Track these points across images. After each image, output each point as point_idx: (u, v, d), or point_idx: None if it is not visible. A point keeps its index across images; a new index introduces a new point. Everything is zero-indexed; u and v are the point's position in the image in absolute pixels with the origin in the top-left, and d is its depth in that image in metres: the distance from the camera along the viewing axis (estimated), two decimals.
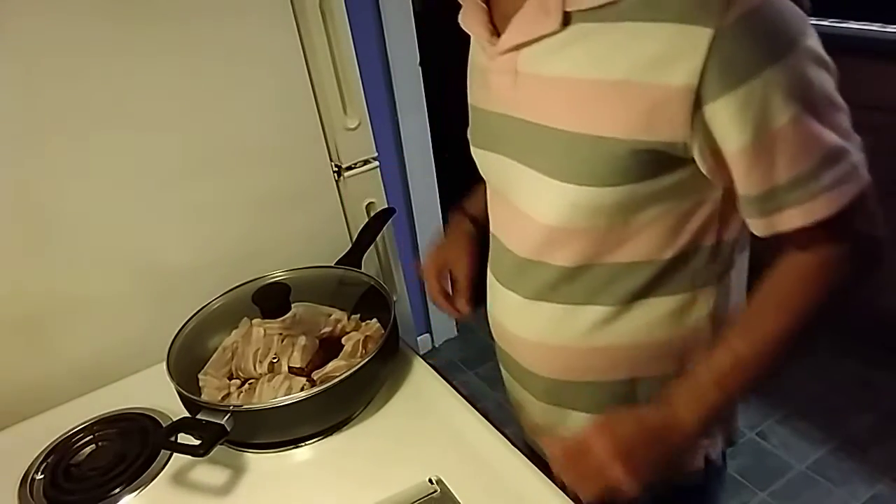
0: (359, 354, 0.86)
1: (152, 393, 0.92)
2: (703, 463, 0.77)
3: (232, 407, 0.77)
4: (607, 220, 0.63)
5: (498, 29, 0.67)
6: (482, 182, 0.82)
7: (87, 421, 0.88)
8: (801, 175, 0.55)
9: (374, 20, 1.77)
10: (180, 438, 0.78)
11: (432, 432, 0.81)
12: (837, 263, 0.60)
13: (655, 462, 0.63)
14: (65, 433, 0.86)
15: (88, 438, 0.85)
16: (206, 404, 0.78)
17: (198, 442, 0.73)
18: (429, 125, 2.00)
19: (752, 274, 0.70)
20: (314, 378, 0.83)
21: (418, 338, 2.34)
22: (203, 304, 0.92)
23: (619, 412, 0.65)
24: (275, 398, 0.79)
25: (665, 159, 0.59)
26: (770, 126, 0.54)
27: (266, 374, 0.84)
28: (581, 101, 0.59)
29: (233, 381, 0.86)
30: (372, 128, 1.09)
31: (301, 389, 0.80)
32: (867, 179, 0.57)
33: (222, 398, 0.83)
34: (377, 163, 1.12)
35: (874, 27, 1.69)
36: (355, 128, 1.06)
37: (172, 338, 0.86)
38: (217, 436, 0.74)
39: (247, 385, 0.85)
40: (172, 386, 0.80)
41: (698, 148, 0.57)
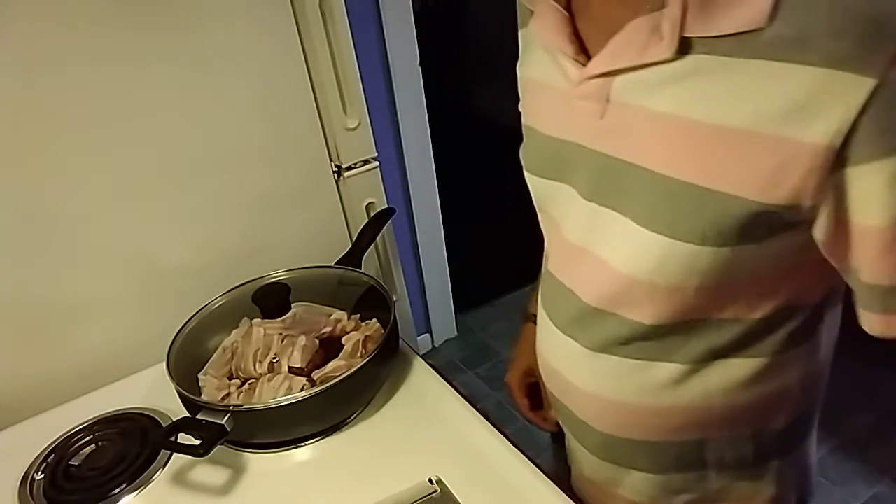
0: (359, 354, 0.86)
1: (152, 393, 0.92)
2: None
3: (232, 407, 0.77)
4: (698, 280, 0.55)
5: (585, 45, 0.58)
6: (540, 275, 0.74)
7: (87, 421, 0.88)
8: None
9: (374, 20, 1.77)
10: (180, 438, 0.78)
11: (432, 432, 0.81)
12: None
13: None
14: (65, 433, 0.86)
15: (88, 438, 0.85)
16: (206, 404, 0.78)
17: (198, 442, 0.73)
18: (429, 125, 2.00)
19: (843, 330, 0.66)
20: (314, 378, 0.83)
21: (418, 338, 2.34)
22: (203, 304, 0.92)
23: None
24: (275, 398, 0.79)
25: (779, 223, 0.50)
26: None
27: (266, 374, 0.84)
28: (693, 147, 0.50)
29: (233, 381, 0.86)
30: (372, 128, 1.09)
31: (301, 389, 0.80)
32: None
33: (222, 398, 0.83)
34: (377, 163, 1.12)
35: None
36: (355, 128, 1.06)
37: (172, 338, 0.86)
38: (217, 436, 0.74)
39: (247, 385, 0.85)
40: (172, 386, 0.80)
41: (824, 214, 0.49)
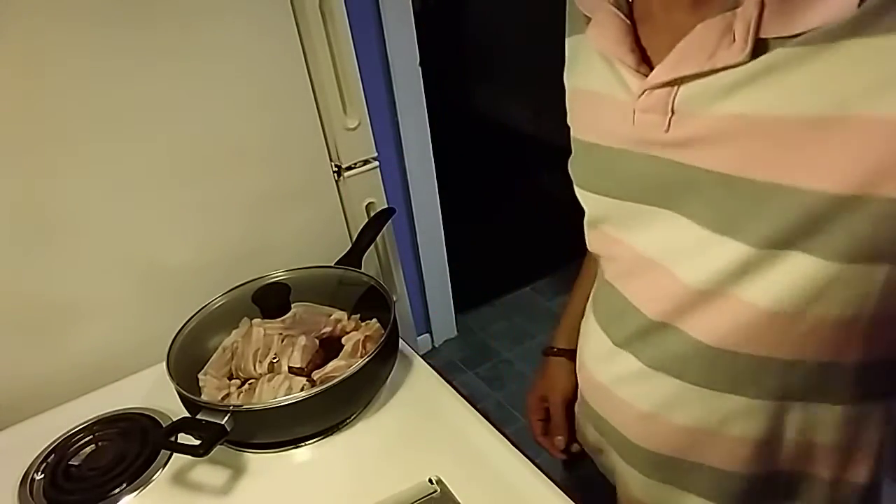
0: (359, 354, 0.86)
1: (152, 393, 0.92)
2: None
3: (232, 407, 0.77)
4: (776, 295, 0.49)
5: (646, 54, 0.54)
6: (573, 306, 0.74)
7: (87, 421, 0.88)
8: None
9: (374, 20, 1.77)
10: (180, 438, 0.78)
11: (432, 432, 0.81)
12: None
13: None
14: (65, 433, 0.86)
15: (88, 438, 0.85)
16: (206, 404, 0.78)
17: (198, 442, 0.73)
18: (429, 125, 2.00)
19: None
20: (314, 378, 0.83)
21: (418, 338, 2.34)
22: (203, 304, 0.92)
23: None
24: (275, 398, 0.79)
25: (887, 228, 0.43)
26: None
27: (266, 374, 0.84)
28: (778, 145, 0.45)
29: (233, 381, 0.86)
30: (372, 128, 1.09)
31: (301, 389, 0.80)
32: None
33: (222, 398, 0.83)
34: (377, 163, 1.11)
35: None
36: (355, 128, 1.06)
37: (172, 338, 0.86)
38: (217, 436, 0.74)
39: (247, 385, 0.85)
40: (172, 386, 0.80)
41: None
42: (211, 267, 1.00)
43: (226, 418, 0.75)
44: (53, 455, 0.83)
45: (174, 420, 0.81)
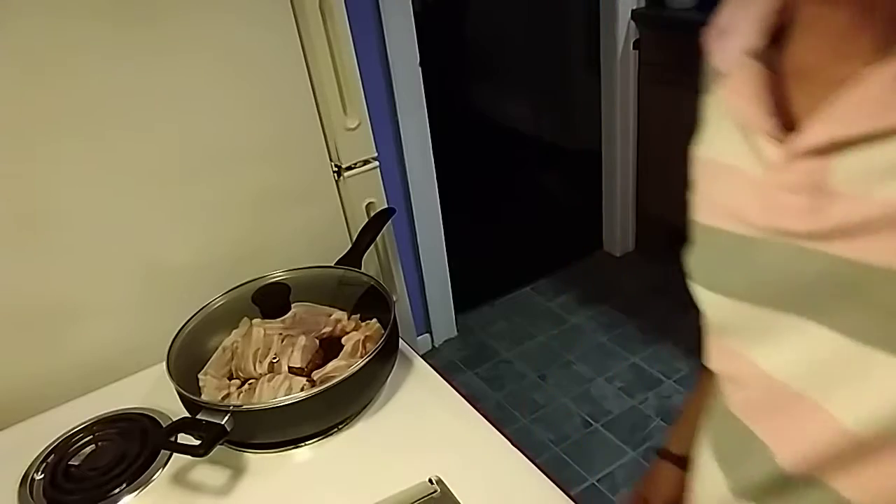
0: (359, 354, 0.86)
1: (152, 393, 0.92)
2: None
3: (232, 407, 0.77)
4: None
5: (792, 118, 0.43)
6: (689, 409, 0.62)
7: (87, 421, 0.88)
8: None
9: (374, 20, 1.77)
10: (180, 438, 0.78)
11: (432, 432, 0.81)
12: None
13: None
14: (65, 433, 0.86)
15: (88, 438, 0.85)
16: (206, 404, 0.78)
17: (198, 442, 0.73)
18: (429, 125, 2.00)
19: None
20: (314, 378, 0.83)
21: (418, 338, 2.34)
22: (203, 304, 0.92)
23: None
24: (275, 398, 0.79)
25: None
26: None
27: (266, 374, 0.84)
28: None
29: (233, 381, 0.86)
30: (372, 128, 1.09)
31: (301, 389, 0.80)
32: None
33: (222, 398, 0.83)
34: (377, 163, 1.11)
35: None
36: (355, 128, 1.06)
37: (172, 338, 0.86)
38: (217, 436, 0.74)
39: (247, 385, 0.85)
40: (172, 386, 0.80)
41: None
42: (211, 267, 1.00)
43: (226, 418, 0.75)
44: (53, 455, 0.83)
45: (174, 420, 0.81)
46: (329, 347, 0.87)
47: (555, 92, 3.32)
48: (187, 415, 0.79)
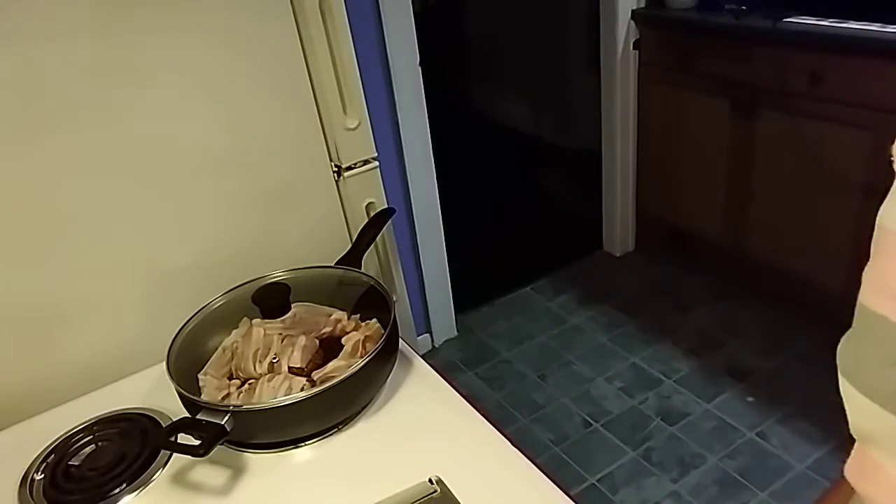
0: (359, 354, 0.86)
1: (152, 393, 0.92)
2: None
3: (232, 407, 0.77)
4: None
5: None
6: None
7: (87, 421, 0.87)
8: None
9: (374, 20, 1.77)
10: (180, 438, 0.78)
11: (432, 432, 0.81)
12: None
13: None
14: (65, 433, 0.86)
15: (88, 438, 0.85)
16: (206, 404, 0.78)
17: (198, 442, 0.73)
18: (429, 125, 2.00)
19: None
20: (314, 378, 0.83)
21: (418, 338, 2.34)
22: (203, 304, 0.92)
23: None
24: (275, 398, 0.79)
25: None
26: None
27: (266, 374, 0.84)
28: None
29: (233, 381, 0.86)
30: (372, 128, 1.09)
31: (301, 389, 0.80)
32: None
33: (222, 398, 0.83)
34: (377, 163, 1.11)
35: (874, 27, 1.69)
36: (355, 128, 1.06)
37: (172, 338, 0.86)
38: (217, 436, 0.74)
39: (247, 385, 0.85)
40: (172, 386, 0.80)
41: None
42: (211, 267, 1.00)
43: (226, 418, 0.75)
44: (53, 455, 0.83)
45: (174, 420, 0.81)
46: (329, 347, 0.87)
47: (555, 92, 3.32)
48: (187, 415, 0.79)
